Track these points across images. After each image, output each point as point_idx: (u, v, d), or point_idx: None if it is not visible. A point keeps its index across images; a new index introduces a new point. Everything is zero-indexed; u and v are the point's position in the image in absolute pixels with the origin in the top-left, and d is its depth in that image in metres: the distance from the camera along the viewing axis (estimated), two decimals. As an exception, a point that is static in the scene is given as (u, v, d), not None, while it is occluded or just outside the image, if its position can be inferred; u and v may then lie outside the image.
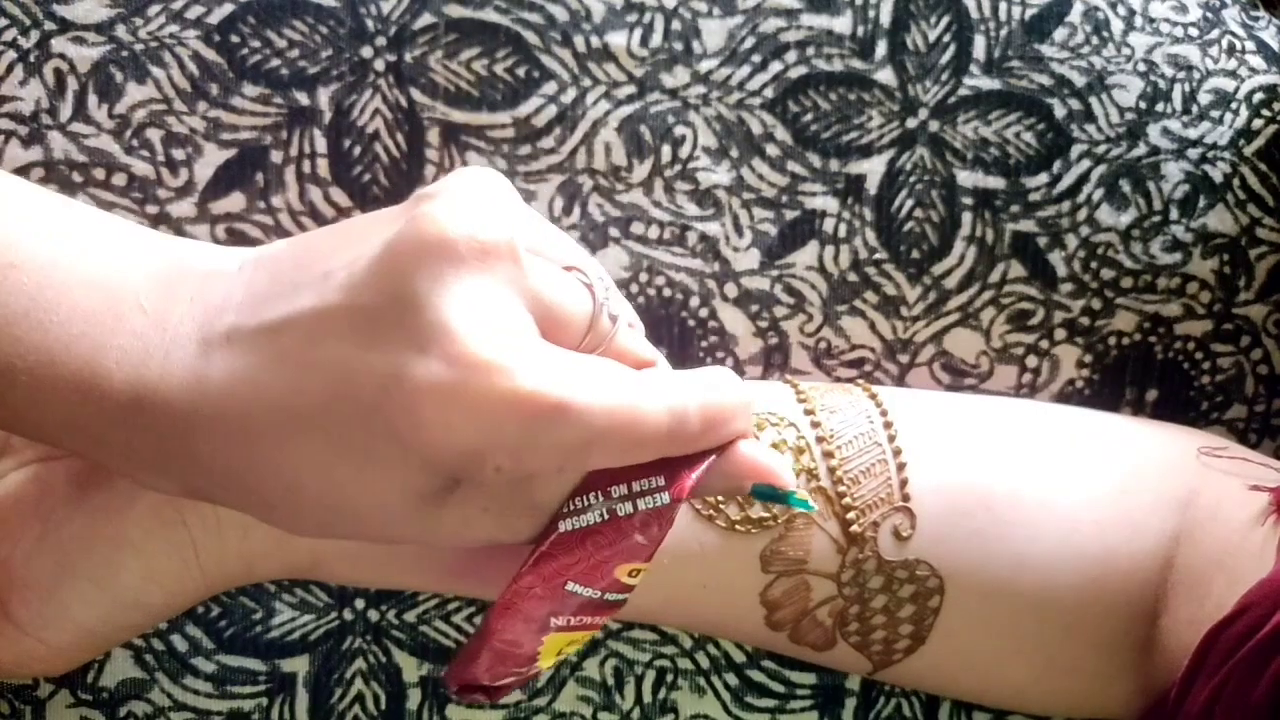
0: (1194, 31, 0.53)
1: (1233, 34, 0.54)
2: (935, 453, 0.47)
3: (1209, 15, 0.54)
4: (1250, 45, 0.54)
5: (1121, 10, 0.52)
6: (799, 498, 0.40)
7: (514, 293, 0.36)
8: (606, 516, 0.39)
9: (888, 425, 0.47)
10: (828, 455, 0.46)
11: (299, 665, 0.50)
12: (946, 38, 0.52)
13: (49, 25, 0.48)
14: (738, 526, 0.45)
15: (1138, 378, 0.53)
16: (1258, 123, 0.53)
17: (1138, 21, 0.53)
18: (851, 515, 0.46)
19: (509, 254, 0.36)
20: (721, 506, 0.45)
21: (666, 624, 0.50)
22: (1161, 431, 0.52)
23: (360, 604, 0.50)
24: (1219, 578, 0.45)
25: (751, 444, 0.39)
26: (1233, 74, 0.53)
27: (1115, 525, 0.47)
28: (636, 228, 0.51)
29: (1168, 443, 0.51)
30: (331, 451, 0.35)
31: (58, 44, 0.48)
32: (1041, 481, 0.48)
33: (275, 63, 0.49)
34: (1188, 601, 0.46)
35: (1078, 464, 0.48)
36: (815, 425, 0.47)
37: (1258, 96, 0.53)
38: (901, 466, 0.47)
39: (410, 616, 0.50)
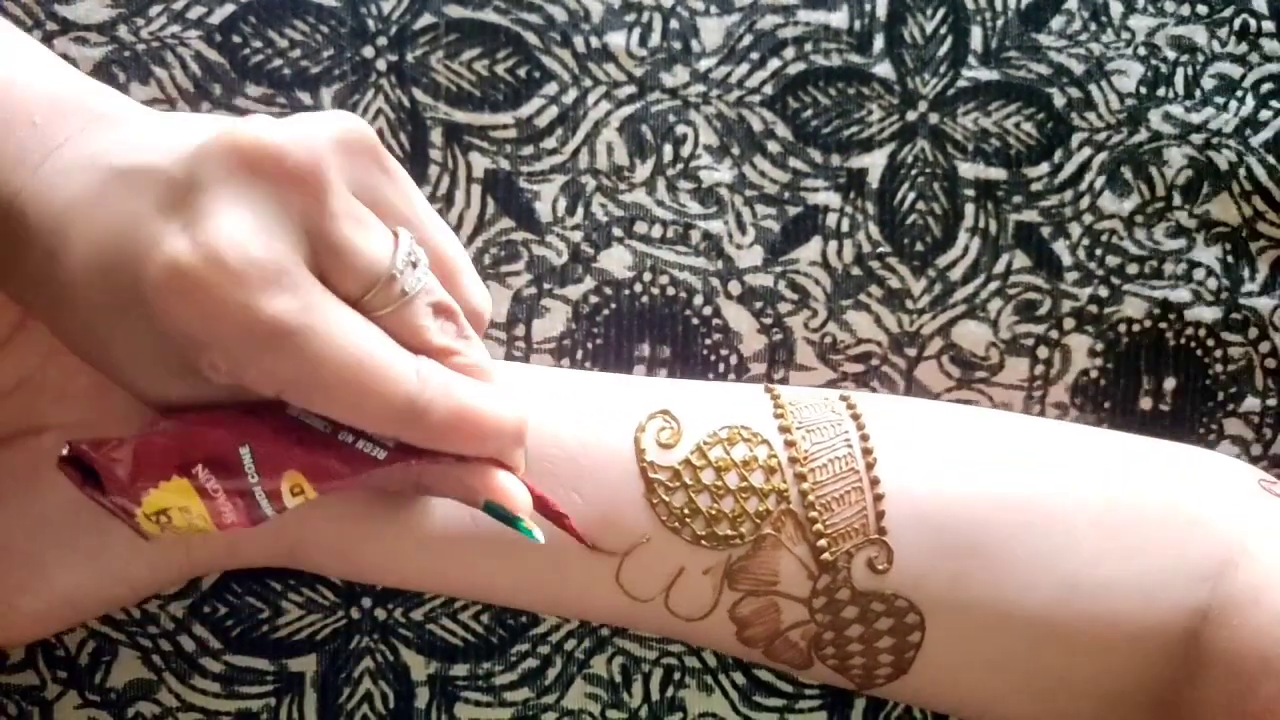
0: (1202, 9, 0.53)
1: (1252, 12, 0.53)
2: (917, 486, 0.45)
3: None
4: (1269, 26, 0.53)
5: (1122, -9, 0.53)
6: (525, 526, 0.41)
7: (297, 221, 0.37)
8: (328, 430, 0.40)
9: (867, 452, 0.46)
10: (800, 478, 0.45)
11: (307, 665, 0.50)
12: (943, 30, 0.52)
13: (51, 25, 0.49)
14: (703, 542, 0.45)
15: (1153, 365, 0.53)
16: (1265, 114, 0.53)
17: (1139, 3, 0.53)
18: (823, 543, 0.45)
19: (311, 184, 0.37)
20: (688, 520, 0.45)
21: (641, 629, 0.50)
22: (1204, 463, 0.49)
23: (367, 602, 0.50)
24: (1267, 682, 0.43)
25: (502, 476, 0.41)
26: (1241, 59, 0.53)
27: (1123, 590, 0.45)
28: (640, 227, 0.51)
29: (1200, 489, 0.47)
30: (108, 299, 0.37)
31: (60, 44, 0.49)
32: (1039, 532, 0.45)
33: (278, 63, 0.49)
34: (1222, 690, 0.43)
35: (1085, 514, 0.46)
36: (790, 445, 0.46)
37: (1266, 86, 0.53)
38: (879, 498, 0.45)
39: (418, 615, 0.50)
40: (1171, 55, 0.53)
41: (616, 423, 0.46)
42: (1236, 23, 0.53)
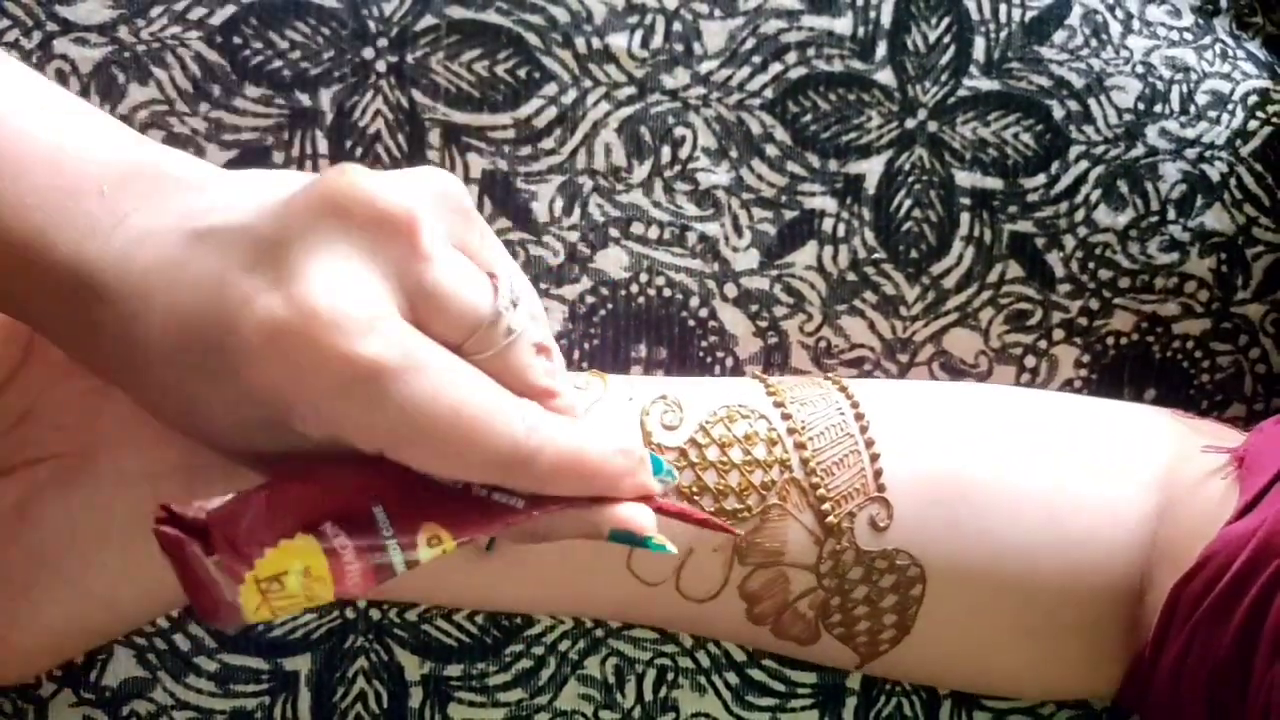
0: (1189, 36, 0.54)
1: (1223, 41, 0.54)
2: (908, 443, 0.48)
3: (1200, 22, 0.54)
4: (1240, 53, 0.54)
5: (1119, 13, 0.53)
6: (657, 542, 0.39)
7: (392, 268, 0.36)
8: (460, 486, 0.38)
9: (859, 417, 0.48)
10: (800, 447, 0.47)
11: (301, 664, 0.50)
12: (947, 39, 0.52)
13: (51, 26, 0.48)
14: (712, 518, 0.46)
15: (1136, 377, 0.54)
16: (1253, 124, 0.53)
17: (1135, 25, 0.53)
18: (827, 506, 0.46)
19: (405, 229, 0.36)
20: (695, 499, 0.46)
21: (645, 619, 0.50)
22: (1133, 409, 0.52)
23: (362, 602, 0.50)
24: (1198, 547, 0.46)
25: (626, 507, 0.39)
26: (1227, 76, 0.54)
27: (1093, 508, 0.48)
28: (636, 228, 0.51)
29: (1140, 419, 0.51)
30: (193, 359, 0.36)
31: (60, 45, 0.48)
32: (1017, 468, 0.48)
33: (277, 64, 0.49)
34: (1171, 575, 0.46)
35: (1053, 448, 0.49)
36: (786, 418, 0.47)
37: (1252, 99, 0.54)
38: (875, 457, 0.47)
39: (412, 615, 0.50)
40: (1167, 74, 0.53)
41: (620, 409, 0.47)
42: (1217, 47, 0.54)
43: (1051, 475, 0.48)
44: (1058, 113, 0.52)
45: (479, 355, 0.38)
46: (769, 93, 0.51)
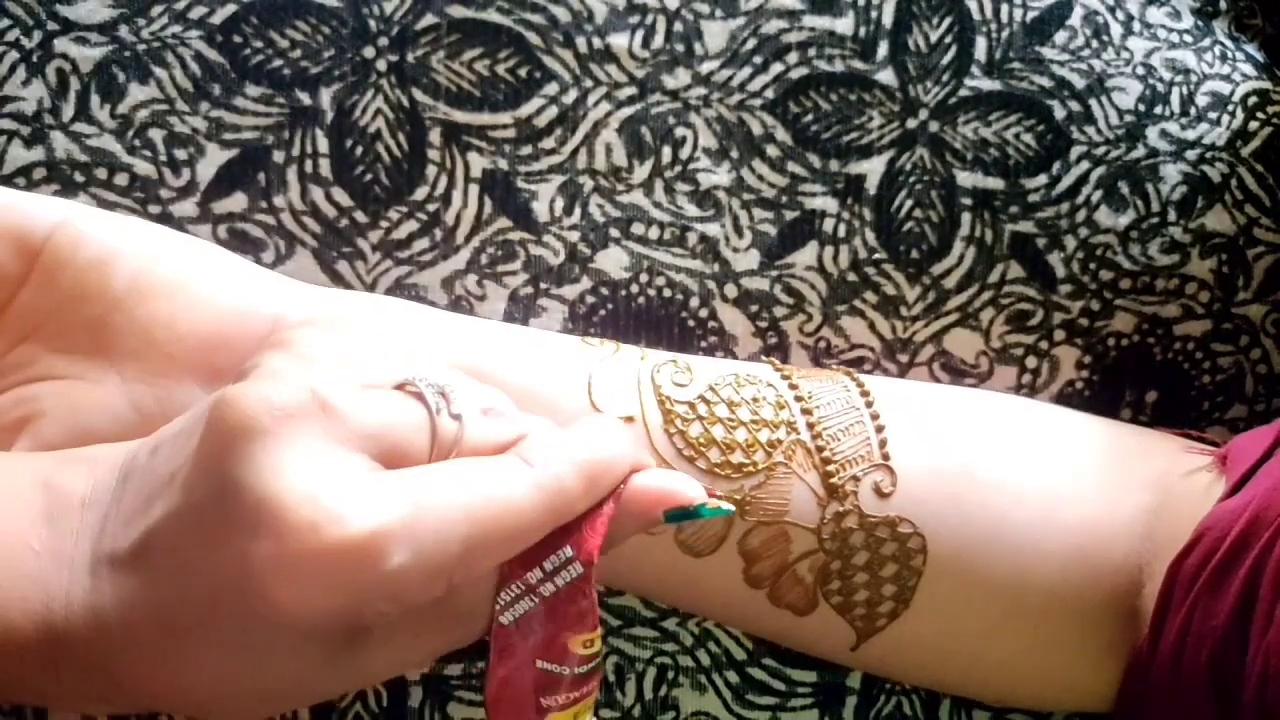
0: (1189, 38, 0.54)
1: (1222, 43, 0.54)
2: (914, 422, 0.48)
3: (1200, 24, 0.54)
4: (1239, 55, 0.54)
5: (1120, 15, 0.53)
6: (710, 507, 0.40)
7: (332, 442, 0.36)
8: (536, 602, 0.39)
9: (864, 394, 0.48)
10: (806, 413, 0.47)
11: (301, 664, 0.50)
12: (948, 39, 0.52)
13: (52, 25, 0.48)
14: (717, 470, 0.46)
15: (1137, 379, 0.54)
16: (1253, 125, 0.54)
17: (1135, 26, 0.53)
18: (831, 468, 0.47)
19: (314, 409, 0.35)
20: (703, 449, 0.46)
21: (643, 580, 0.49)
22: (1131, 425, 0.53)
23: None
24: (1191, 532, 0.46)
25: (645, 475, 0.40)
26: (1227, 78, 0.54)
27: (1093, 499, 0.48)
28: (637, 228, 0.51)
29: (1131, 429, 0.53)
30: (226, 652, 0.36)
31: (60, 44, 0.48)
32: (1021, 454, 0.49)
33: (278, 63, 0.49)
34: (1167, 565, 0.47)
35: (1055, 442, 0.50)
36: (793, 388, 0.48)
37: (1252, 100, 0.54)
38: (880, 429, 0.48)
39: (412, 615, 0.50)
40: (1167, 76, 0.53)
41: (631, 367, 0.47)
42: (1216, 49, 0.54)
43: (1054, 465, 0.49)
44: (1059, 113, 0.52)
45: (448, 456, 0.38)
46: (770, 93, 0.51)
